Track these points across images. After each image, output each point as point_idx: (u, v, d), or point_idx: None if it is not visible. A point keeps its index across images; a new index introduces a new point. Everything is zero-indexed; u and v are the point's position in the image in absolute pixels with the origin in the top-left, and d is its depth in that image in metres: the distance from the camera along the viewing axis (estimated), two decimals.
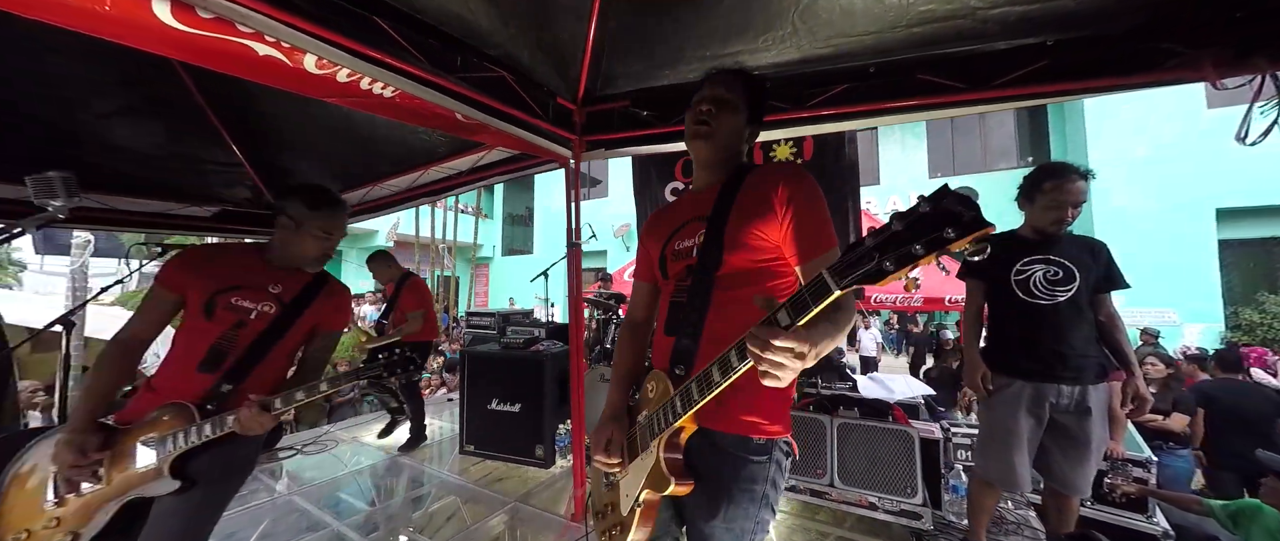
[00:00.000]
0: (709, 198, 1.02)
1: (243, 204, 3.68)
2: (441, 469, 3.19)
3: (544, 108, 2.14)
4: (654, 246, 1.12)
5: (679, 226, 1.06)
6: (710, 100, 1.01)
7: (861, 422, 2.38)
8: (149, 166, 3.00)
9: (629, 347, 1.19)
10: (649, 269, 1.16)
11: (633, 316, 1.22)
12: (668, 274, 1.06)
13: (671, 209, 1.15)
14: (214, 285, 1.27)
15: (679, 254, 1.04)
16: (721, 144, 1.03)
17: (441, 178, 3.07)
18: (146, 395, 1.25)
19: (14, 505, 1.20)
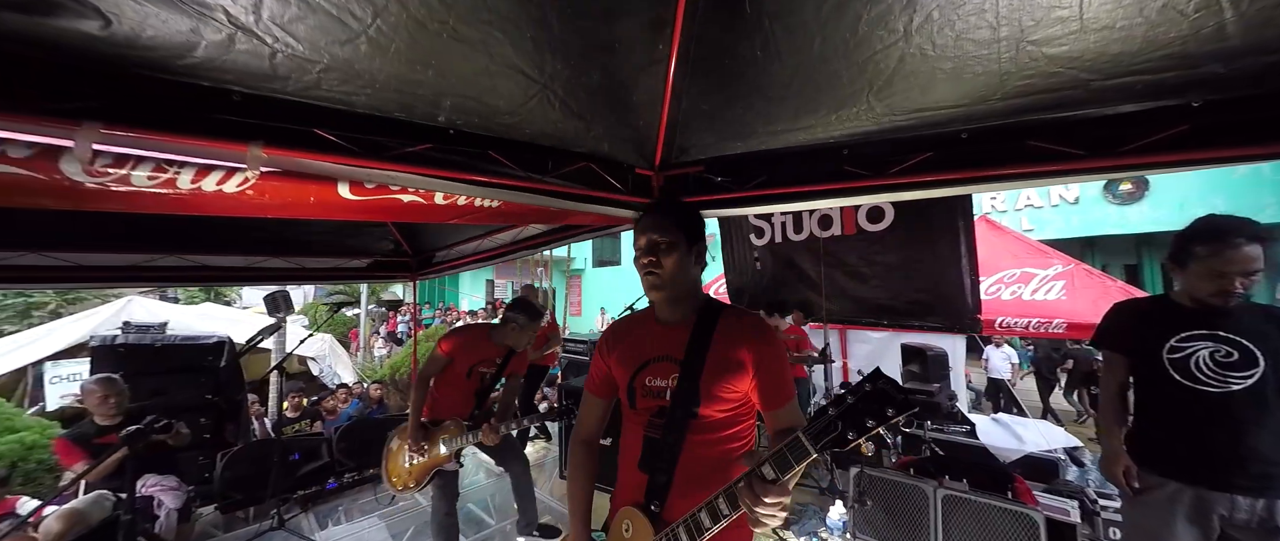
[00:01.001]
0: (679, 339, 1.08)
1: (387, 255, 4.50)
2: (542, 491, 3.55)
3: (624, 181, 2.31)
4: (620, 372, 1.15)
5: (649, 361, 1.10)
6: (647, 251, 1.07)
7: (971, 497, 2.16)
8: (327, 232, 3.82)
9: (585, 471, 1.22)
10: (607, 387, 1.21)
11: (586, 433, 1.25)
12: (637, 406, 1.11)
13: (637, 335, 1.17)
14: (471, 360, 2.33)
15: (651, 391, 1.08)
16: (675, 283, 1.08)
17: (538, 234, 3.43)
18: (433, 406, 2.35)
19: (394, 466, 2.41)
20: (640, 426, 1.09)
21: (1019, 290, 4.89)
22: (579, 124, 1.82)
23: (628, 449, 1.13)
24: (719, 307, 1.10)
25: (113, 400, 2.63)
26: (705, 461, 1.03)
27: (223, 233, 3.42)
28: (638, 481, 1.07)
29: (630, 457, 1.11)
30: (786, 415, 1.03)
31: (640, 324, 1.20)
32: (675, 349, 1.07)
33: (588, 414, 1.25)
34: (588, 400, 1.25)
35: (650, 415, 1.07)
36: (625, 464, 1.13)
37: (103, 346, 3.45)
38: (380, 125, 1.38)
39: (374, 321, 13.28)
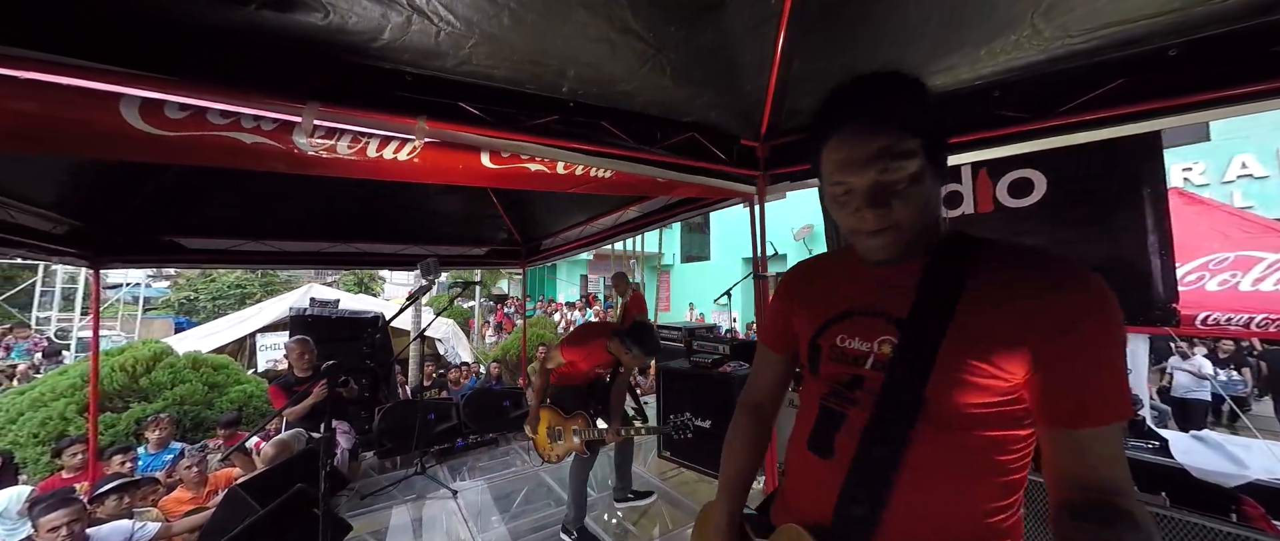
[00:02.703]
0: (901, 287, 0.70)
1: (501, 244, 4.97)
2: (642, 468, 3.64)
3: (728, 152, 2.27)
4: (803, 323, 0.82)
5: (846, 313, 0.75)
6: (881, 177, 0.63)
7: (1175, 515, 1.74)
8: (454, 223, 4.34)
9: (747, 439, 0.91)
10: (785, 340, 0.87)
11: (756, 396, 0.94)
12: (819, 372, 0.77)
13: (832, 276, 0.83)
14: (589, 364, 2.54)
15: (844, 356, 0.74)
16: (914, 228, 0.66)
17: (640, 216, 3.53)
18: (560, 381, 2.64)
19: (541, 439, 2.64)
20: (816, 397, 0.76)
21: (1233, 278, 3.84)
22: (688, 90, 1.82)
23: (797, 431, 0.80)
24: (974, 242, 0.70)
25: (307, 356, 3.27)
26: (942, 491, 0.65)
27: (378, 223, 4.07)
28: (816, 478, 0.74)
29: (799, 442, 0.79)
30: (1095, 450, 0.59)
31: (838, 261, 0.84)
32: (891, 301, 0.70)
33: (760, 373, 0.95)
34: (761, 355, 0.95)
35: (835, 384, 0.74)
36: (797, 446, 0.80)
37: (297, 316, 4.36)
38: (513, 98, 1.53)
39: (484, 313, 14.82)
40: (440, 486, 3.30)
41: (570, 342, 2.55)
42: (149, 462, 3.72)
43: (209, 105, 1.08)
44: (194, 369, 4.86)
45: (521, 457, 3.92)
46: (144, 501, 3.05)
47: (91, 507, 2.73)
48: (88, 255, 3.02)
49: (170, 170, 2.88)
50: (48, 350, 6.38)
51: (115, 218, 3.04)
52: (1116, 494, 0.56)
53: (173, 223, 3.33)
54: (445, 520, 2.92)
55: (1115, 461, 0.58)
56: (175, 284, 17.37)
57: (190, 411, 4.56)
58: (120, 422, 4.20)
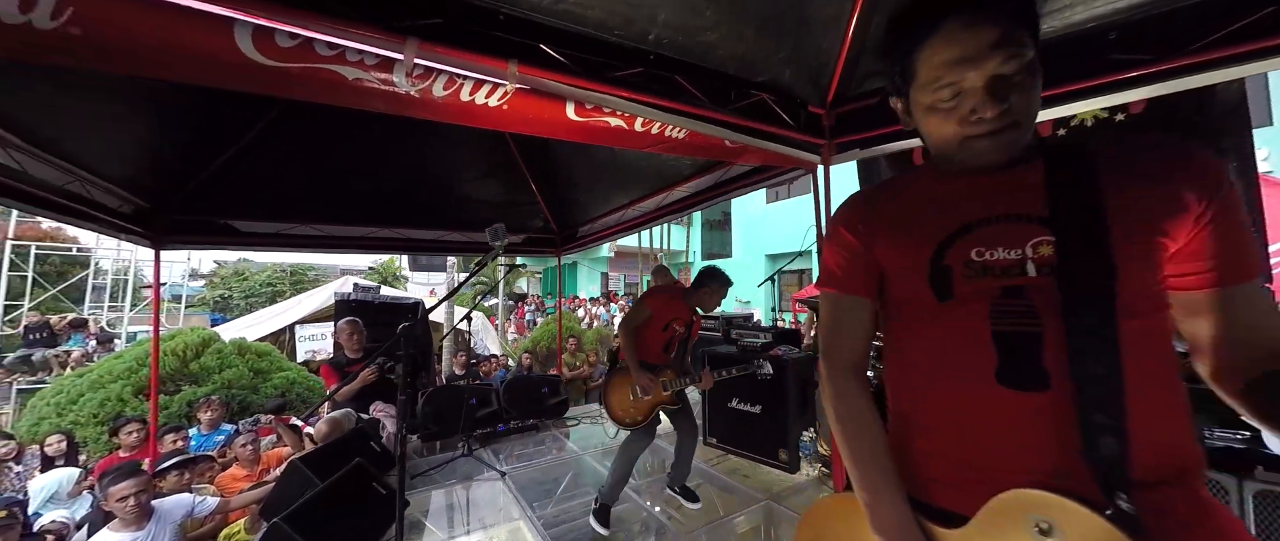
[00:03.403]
0: (1028, 184, 0.64)
1: (538, 231, 4.96)
2: None
3: (795, 118, 2.19)
4: (902, 249, 0.71)
5: (967, 225, 0.66)
6: (999, 73, 0.58)
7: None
8: (491, 210, 4.33)
9: (871, 414, 0.75)
10: (870, 278, 0.76)
11: (852, 354, 0.78)
12: (954, 292, 0.66)
13: (921, 195, 0.73)
14: (668, 317, 2.45)
15: (990, 269, 0.63)
16: (1030, 124, 0.62)
17: (686, 196, 3.46)
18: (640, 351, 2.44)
19: (621, 401, 2.44)
20: (977, 321, 0.63)
21: None
22: (768, 44, 1.75)
23: (946, 369, 0.67)
24: (1083, 145, 0.64)
25: (356, 338, 3.31)
26: (1168, 393, 0.58)
27: (418, 209, 4.10)
28: (1019, 426, 0.61)
29: (965, 379, 0.65)
30: (1263, 302, 0.58)
31: (914, 183, 0.75)
32: (1024, 202, 0.63)
33: (852, 326, 0.78)
34: (846, 307, 0.79)
35: (993, 300, 0.63)
36: (953, 393, 0.67)
37: (342, 300, 4.43)
38: (599, 46, 1.48)
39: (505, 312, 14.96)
40: (487, 467, 3.28)
41: (651, 294, 2.56)
42: (201, 442, 3.80)
43: (317, 36, 1.06)
44: (240, 355, 4.97)
45: (560, 443, 3.88)
46: (202, 478, 3.10)
47: (154, 483, 2.78)
48: (150, 235, 3.09)
49: (226, 151, 2.94)
50: (101, 337, 6.63)
51: (175, 198, 3.11)
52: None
53: (227, 206, 3.40)
54: (495, 500, 2.89)
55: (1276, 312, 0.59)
56: (210, 282, 18.00)
57: (237, 395, 4.66)
58: (173, 404, 4.31)
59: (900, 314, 0.74)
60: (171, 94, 2.22)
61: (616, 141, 1.67)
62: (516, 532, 2.52)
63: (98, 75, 1.85)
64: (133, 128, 2.37)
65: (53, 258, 9.46)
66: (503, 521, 2.63)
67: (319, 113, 2.90)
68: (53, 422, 4.10)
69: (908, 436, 0.73)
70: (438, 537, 2.49)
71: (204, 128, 2.67)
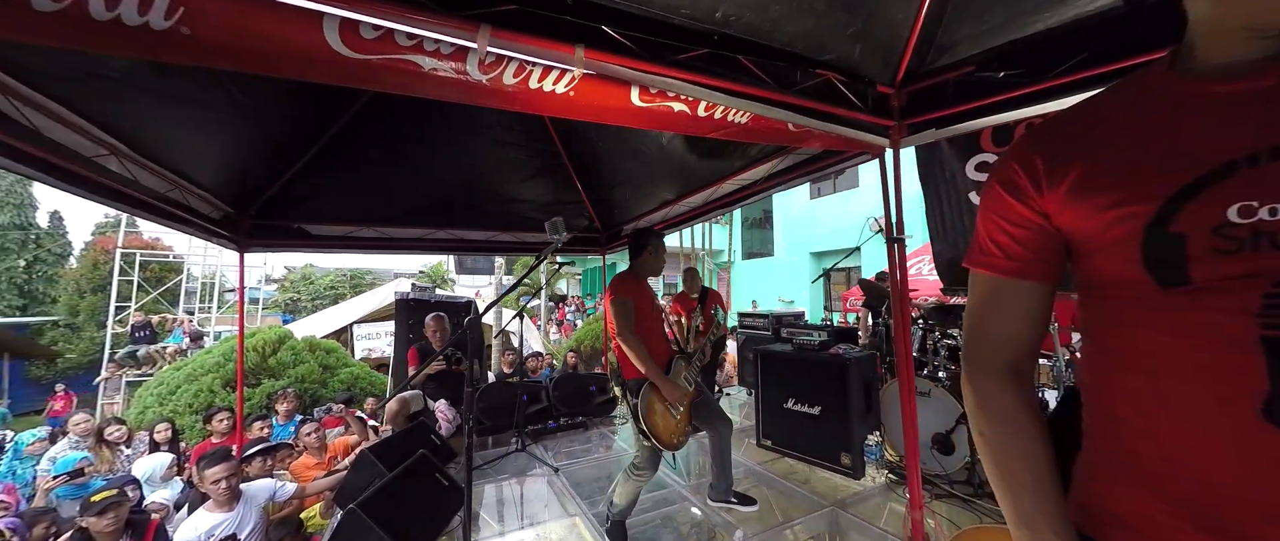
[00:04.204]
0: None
1: (583, 231, 5.00)
2: (739, 455, 3.44)
3: (863, 99, 2.06)
4: (1100, 206, 0.49)
5: (1231, 165, 0.43)
6: None
7: None
8: (538, 210, 4.40)
9: (1034, 428, 0.57)
10: (1047, 252, 0.56)
11: (1009, 351, 0.59)
12: (1191, 276, 0.45)
13: (1136, 126, 0.49)
14: (648, 294, 2.28)
15: (1264, 236, 0.41)
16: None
17: (734, 190, 3.36)
18: (657, 354, 2.20)
19: (665, 425, 2.15)
20: (1243, 319, 0.42)
21: None
22: (837, 18, 1.64)
23: (1183, 393, 0.46)
24: None
25: (439, 333, 3.71)
26: None
27: (470, 211, 4.24)
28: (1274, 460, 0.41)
29: (1225, 411, 0.44)
30: None
31: (1147, 86, 0.51)
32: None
33: (1006, 315, 0.59)
34: (994, 290, 0.60)
35: (1269, 288, 0.41)
36: (1187, 426, 0.46)
37: (402, 299, 4.67)
38: (664, 29, 1.43)
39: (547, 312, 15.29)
40: (539, 463, 3.31)
41: (616, 289, 2.22)
42: (279, 431, 4.08)
43: (397, 27, 1.07)
44: (310, 351, 5.33)
45: (608, 441, 3.86)
46: (282, 464, 3.32)
47: (242, 467, 3.00)
48: (236, 238, 3.35)
49: (298, 161, 3.14)
50: (193, 334, 7.35)
51: (255, 205, 3.36)
52: None
53: (300, 211, 3.64)
54: (550, 496, 2.90)
55: None
56: (282, 286, 19.56)
57: (309, 389, 4.99)
58: (254, 396, 4.66)
59: (1101, 301, 0.52)
60: (251, 108, 2.39)
61: (679, 128, 1.62)
62: (573, 529, 2.51)
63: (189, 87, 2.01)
64: (221, 140, 2.57)
65: (153, 264, 10.58)
66: (557, 518, 2.64)
67: (380, 123, 3.07)
68: (156, 411, 4.54)
69: (1108, 460, 0.53)
70: (492, 529, 2.53)
71: (279, 140, 2.87)
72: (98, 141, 1.91)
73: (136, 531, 2.47)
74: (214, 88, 2.06)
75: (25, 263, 13.41)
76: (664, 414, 2.14)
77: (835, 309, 7.90)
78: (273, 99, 2.41)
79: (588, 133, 3.49)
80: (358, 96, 2.78)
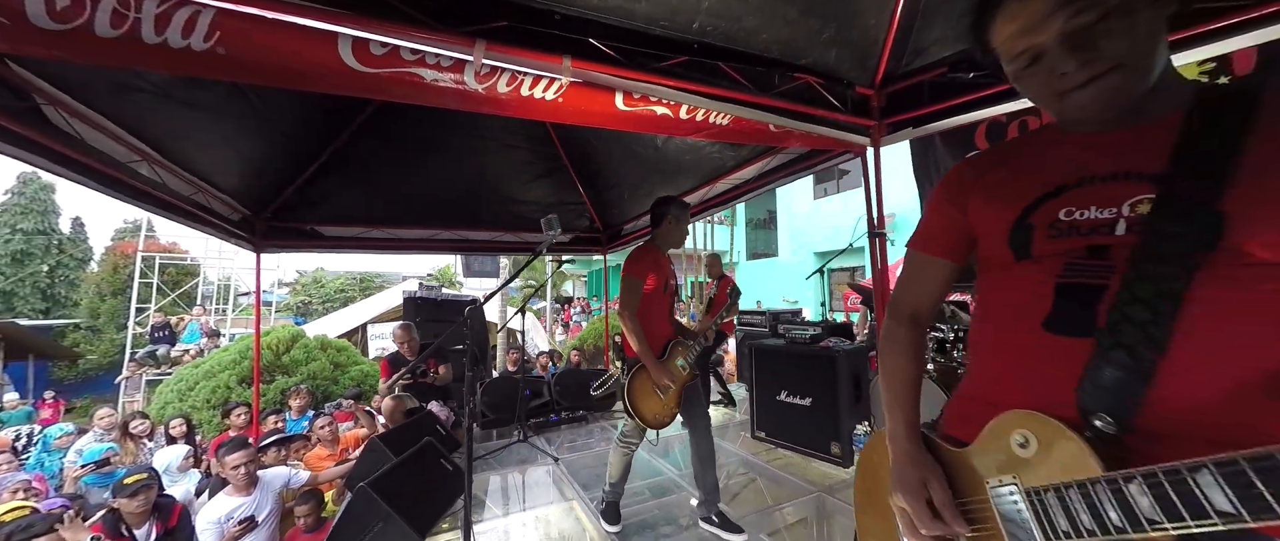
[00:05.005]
0: (1153, 141, 0.59)
1: (584, 231, 5.13)
2: (734, 446, 3.54)
3: (842, 100, 2.17)
4: (992, 213, 0.72)
5: (1062, 186, 0.65)
6: (1073, 21, 0.56)
7: None
8: (540, 210, 4.52)
9: (910, 350, 0.83)
10: (957, 241, 0.80)
11: (914, 304, 0.85)
12: (1033, 252, 0.67)
13: (1024, 158, 0.73)
14: (662, 275, 2.24)
15: (1074, 227, 0.63)
16: (1143, 63, 0.57)
17: (727, 189, 3.47)
18: (656, 335, 2.23)
19: (649, 405, 2.21)
20: (1046, 276, 0.65)
21: None
22: (811, 23, 1.76)
23: (1009, 318, 0.70)
24: (1253, 87, 0.58)
25: (407, 343, 3.78)
26: (1243, 352, 0.53)
27: (475, 212, 4.39)
28: (1046, 362, 0.63)
29: (1018, 326, 0.67)
30: None
31: (1030, 145, 0.75)
32: (1137, 160, 0.60)
33: (919, 281, 0.85)
34: (920, 263, 0.85)
35: (1070, 257, 0.63)
36: (1006, 339, 0.71)
37: (410, 298, 4.86)
38: (645, 39, 1.56)
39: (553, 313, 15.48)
40: (541, 453, 3.44)
41: (630, 264, 2.20)
42: (292, 426, 4.25)
43: (402, 43, 1.21)
44: (322, 349, 5.51)
45: (608, 434, 3.98)
46: (296, 454, 3.48)
47: (259, 456, 3.16)
48: (253, 239, 3.53)
49: (311, 164, 3.31)
50: (209, 331, 7.59)
51: (271, 207, 3.54)
52: None
53: (313, 213, 3.81)
54: (550, 484, 3.03)
55: None
56: (293, 289, 19.96)
57: (320, 385, 5.17)
58: (269, 393, 4.85)
59: (983, 273, 0.77)
60: (270, 116, 2.55)
61: (663, 129, 1.74)
62: (570, 512, 2.64)
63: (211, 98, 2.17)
64: (241, 146, 2.74)
65: (171, 268, 10.91)
66: (556, 502, 2.76)
67: (389, 128, 3.24)
68: (175, 406, 4.74)
69: (963, 387, 0.79)
70: (494, 512, 2.66)
71: (295, 143, 3.04)
72: (131, 148, 2.08)
73: (162, 514, 2.63)
74: (236, 99, 2.22)
75: (48, 267, 13.88)
76: (650, 393, 2.18)
77: (837, 308, 7.95)
78: (289, 108, 2.57)
79: (586, 136, 3.63)
80: (366, 104, 2.94)
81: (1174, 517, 0.48)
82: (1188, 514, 0.47)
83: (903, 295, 0.88)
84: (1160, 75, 0.59)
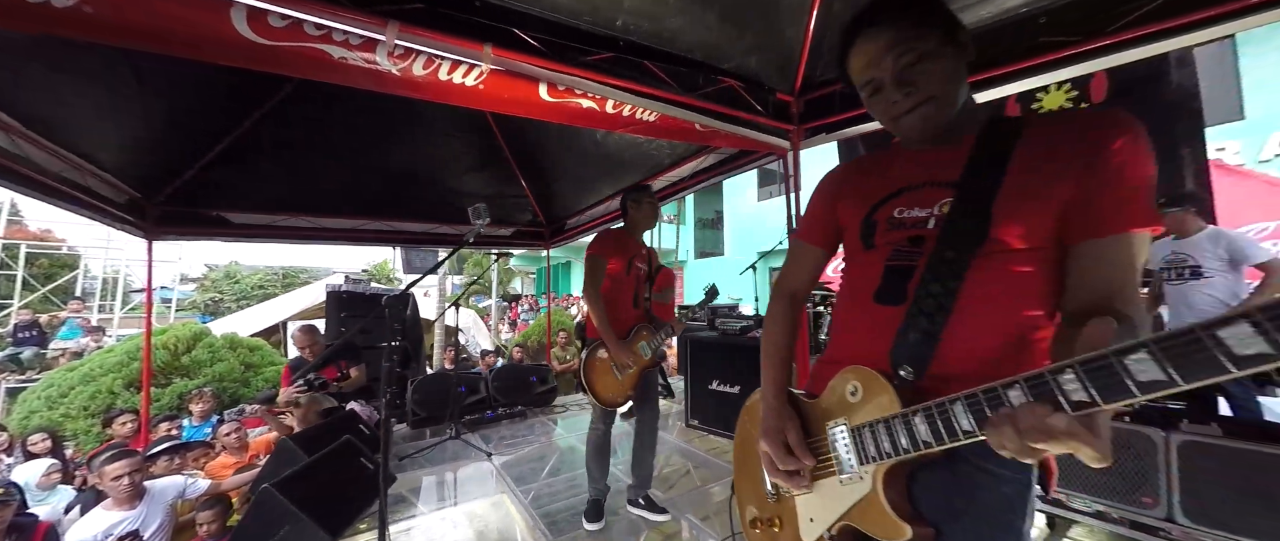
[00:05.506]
0: (954, 159, 0.75)
1: (527, 224, 5.06)
2: (670, 436, 3.67)
3: (764, 105, 2.32)
4: (851, 211, 0.88)
5: (897, 191, 0.81)
6: (898, 67, 0.72)
7: (1226, 444, 1.72)
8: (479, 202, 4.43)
9: (784, 323, 0.97)
10: (828, 233, 0.95)
11: (793, 285, 1.00)
12: (875, 242, 0.82)
13: (878, 168, 0.89)
14: (625, 255, 2.22)
15: (900, 223, 0.79)
16: (945, 99, 0.73)
17: (665, 186, 3.58)
18: (619, 318, 2.22)
19: (604, 383, 2.22)
20: (879, 261, 0.80)
21: (1275, 247, 3.76)
22: (731, 32, 1.88)
23: (854, 294, 0.84)
24: (1021, 120, 0.75)
25: (310, 346, 3.48)
26: (1001, 316, 0.69)
27: (408, 202, 4.20)
28: (874, 328, 0.77)
29: (859, 300, 0.82)
30: (1108, 257, 0.64)
31: (882, 158, 0.91)
32: (945, 172, 0.76)
33: (797, 265, 1.00)
34: (799, 250, 1.00)
35: (896, 246, 0.79)
36: (850, 311, 0.85)
37: (335, 292, 4.51)
38: (570, 33, 1.59)
39: (499, 312, 15.02)
40: (474, 450, 3.37)
41: (595, 245, 2.24)
42: (192, 433, 3.85)
43: (305, 17, 1.16)
44: (231, 349, 5.02)
45: (548, 430, 3.97)
46: (195, 464, 3.17)
47: (146, 465, 2.85)
48: (144, 226, 3.16)
49: (220, 142, 3.02)
50: (89, 328, 6.64)
51: (168, 189, 3.18)
52: (1114, 297, 0.62)
53: (220, 197, 3.48)
54: (481, 479, 2.98)
55: (1126, 268, 0.63)
56: (201, 285, 17.90)
57: (228, 388, 4.71)
58: (164, 397, 4.35)
59: (846, 260, 0.92)
60: (165, 84, 2.31)
61: (589, 122, 1.78)
62: (500, 505, 2.62)
63: (91, 62, 1.94)
64: (127, 117, 2.45)
65: (42, 259, 9.41)
66: (486, 496, 2.73)
67: (312, 106, 3.02)
68: (44, 416, 4.13)
69: (825, 353, 0.93)
70: (423, 509, 2.58)
71: (197, 119, 2.76)
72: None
73: (22, 534, 2.31)
74: (120, 65, 1.99)
75: None
76: (606, 373, 2.20)
77: None
78: (188, 79, 2.34)
79: (527, 126, 3.59)
80: (285, 81, 2.73)
81: (939, 439, 0.63)
82: (947, 435, 0.62)
83: (784, 277, 1.03)
84: (962, 105, 0.76)
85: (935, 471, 0.72)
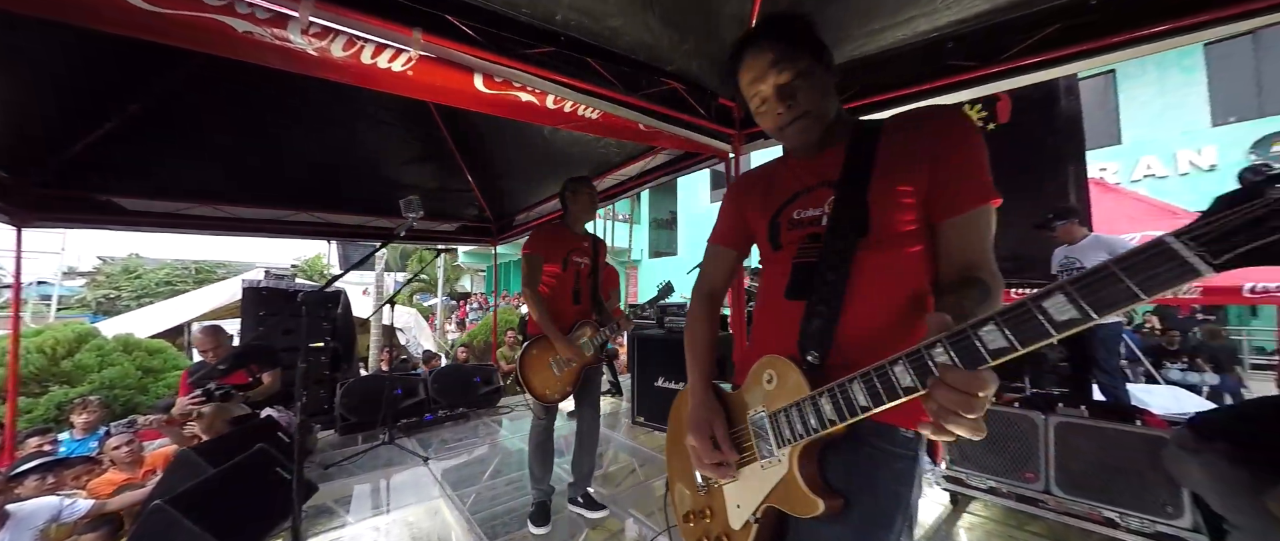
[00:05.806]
0: (832, 163, 0.84)
1: (472, 220, 4.89)
2: (615, 433, 3.69)
3: (707, 109, 2.39)
4: (757, 217, 0.95)
5: (794, 195, 0.89)
6: (779, 83, 0.80)
7: (1091, 423, 1.99)
8: (424, 197, 4.20)
9: (707, 322, 1.04)
10: (741, 236, 1.03)
11: (708, 285, 1.07)
12: (781, 242, 0.90)
13: (775, 176, 0.96)
14: (561, 251, 2.18)
15: (800, 223, 0.87)
16: (819, 112, 0.83)
17: (614, 184, 3.59)
18: (560, 314, 2.17)
19: (543, 379, 2.18)
20: (788, 259, 0.87)
21: None
22: (672, 36, 1.91)
23: (769, 292, 0.91)
24: (880, 122, 0.85)
25: (213, 349, 3.07)
26: (888, 296, 0.78)
27: (342, 192, 3.92)
28: (785, 321, 0.84)
29: (773, 296, 0.89)
30: (966, 233, 0.74)
31: (776, 166, 0.98)
32: (829, 173, 0.84)
33: (714, 267, 1.07)
34: (714, 252, 1.07)
35: (799, 244, 0.86)
36: (766, 307, 0.92)
37: (250, 289, 4.07)
38: (509, 24, 1.56)
39: (447, 311, 14.38)
40: (410, 455, 3.21)
41: (530, 242, 2.22)
42: (74, 448, 3.37)
43: None
44: (125, 352, 4.46)
45: (492, 432, 3.86)
46: (75, 482, 2.78)
47: (9, 486, 2.48)
48: (12, 210, 2.74)
49: (113, 117, 2.68)
50: None
51: (45, 169, 2.78)
52: (972, 266, 0.72)
53: (112, 180, 3.08)
54: (419, 486, 2.84)
55: (980, 240, 0.74)
56: (93, 281, 15.74)
57: (121, 396, 4.18)
58: (38, 407, 3.79)
59: (762, 262, 0.99)
60: (31, 51, 2.01)
61: (529, 116, 1.75)
62: (435, 511, 2.51)
63: None
64: None
65: None
66: (421, 502, 2.61)
67: (226, 86, 2.74)
68: None
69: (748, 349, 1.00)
70: (351, 521, 2.43)
71: (82, 86, 2.42)
72: None
73: None
74: None
75: None
76: (544, 369, 2.16)
77: None
78: (66, 44, 2.05)
79: (473, 119, 3.47)
80: (192, 55, 2.46)
81: (841, 416, 0.70)
82: (848, 412, 0.68)
83: (703, 278, 1.09)
84: (835, 117, 0.86)
85: (840, 451, 0.79)
